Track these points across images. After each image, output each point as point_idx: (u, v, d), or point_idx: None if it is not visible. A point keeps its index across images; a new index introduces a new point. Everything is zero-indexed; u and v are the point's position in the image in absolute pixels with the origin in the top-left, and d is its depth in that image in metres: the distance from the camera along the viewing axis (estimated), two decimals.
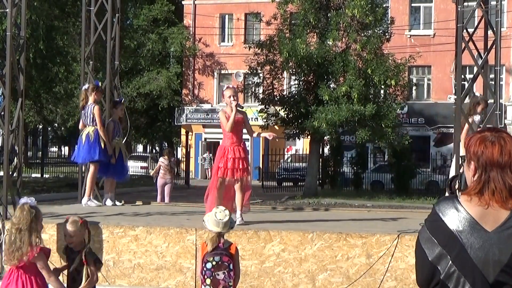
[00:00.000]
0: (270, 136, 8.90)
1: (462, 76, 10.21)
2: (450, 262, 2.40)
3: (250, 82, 28.40)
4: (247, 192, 8.52)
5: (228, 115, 8.28)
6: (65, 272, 5.54)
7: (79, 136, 10.40)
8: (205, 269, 5.44)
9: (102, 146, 10.09)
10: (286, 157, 35.29)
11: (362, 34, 23.37)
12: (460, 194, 2.51)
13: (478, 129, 8.98)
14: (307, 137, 25.72)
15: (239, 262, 5.72)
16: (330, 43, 23.34)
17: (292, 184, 32.03)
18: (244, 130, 8.62)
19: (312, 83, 24.19)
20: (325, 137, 25.82)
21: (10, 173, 9.10)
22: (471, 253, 2.39)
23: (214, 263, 5.43)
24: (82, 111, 10.40)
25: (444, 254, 2.41)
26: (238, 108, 8.40)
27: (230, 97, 8.29)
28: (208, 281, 5.43)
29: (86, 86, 10.51)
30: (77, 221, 5.48)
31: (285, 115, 25.04)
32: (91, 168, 10.35)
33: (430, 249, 2.43)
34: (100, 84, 10.85)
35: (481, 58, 10.00)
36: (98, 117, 10.09)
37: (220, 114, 8.46)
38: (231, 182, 8.38)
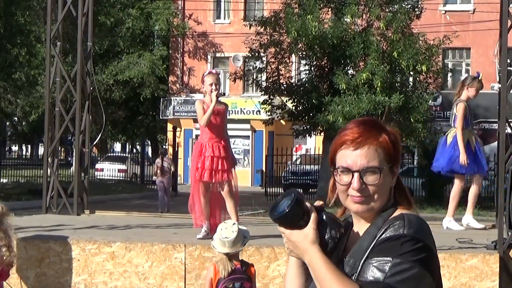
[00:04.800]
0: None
1: (508, 60, 10.18)
2: None
3: (251, 68, 28.39)
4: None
5: (207, 106, 8.30)
6: None
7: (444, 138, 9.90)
8: None
9: (461, 156, 9.42)
10: (294, 158, 35.32)
11: (387, 10, 23.38)
12: None
13: None
14: (319, 134, 25.73)
15: (255, 284, 5.80)
16: (348, 20, 23.33)
17: (302, 190, 32.00)
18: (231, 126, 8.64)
19: (326, 69, 24.21)
20: None
21: None
22: None
23: None
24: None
25: None
26: (219, 99, 8.44)
27: (211, 84, 8.31)
28: None
29: (464, 77, 10.19)
30: None
31: (294, 108, 25.05)
32: (456, 182, 10.10)
33: None
34: (480, 76, 9.86)
35: None
36: (461, 117, 9.40)
37: (197, 104, 8.47)
38: (214, 186, 8.42)
